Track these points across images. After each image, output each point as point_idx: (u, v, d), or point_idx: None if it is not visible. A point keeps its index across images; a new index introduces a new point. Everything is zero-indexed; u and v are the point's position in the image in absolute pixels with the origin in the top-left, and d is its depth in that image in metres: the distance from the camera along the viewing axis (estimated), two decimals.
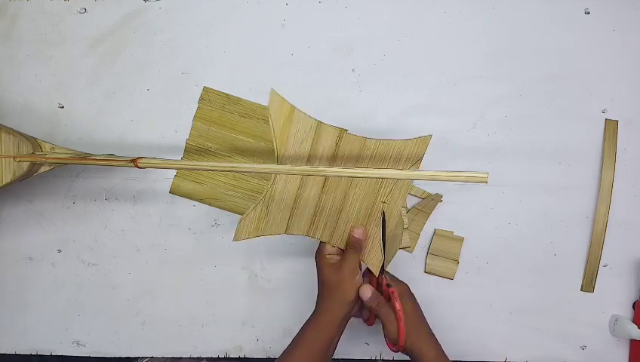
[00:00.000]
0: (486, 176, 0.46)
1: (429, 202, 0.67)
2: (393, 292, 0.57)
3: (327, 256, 0.58)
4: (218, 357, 0.71)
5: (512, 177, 0.68)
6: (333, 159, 0.53)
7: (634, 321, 0.67)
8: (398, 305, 0.56)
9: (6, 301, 0.70)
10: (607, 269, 0.68)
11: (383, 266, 0.58)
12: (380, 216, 0.56)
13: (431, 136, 0.52)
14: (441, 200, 0.68)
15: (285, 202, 0.55)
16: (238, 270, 0.70)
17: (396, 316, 0.56)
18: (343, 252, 0.58)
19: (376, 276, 0.58)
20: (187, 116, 0.68)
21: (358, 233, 0.56)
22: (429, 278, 0.69)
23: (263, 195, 0.55)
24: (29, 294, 0.70)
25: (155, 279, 0.70)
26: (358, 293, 0.57)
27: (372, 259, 0.58)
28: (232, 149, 0.68)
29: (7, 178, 0.58)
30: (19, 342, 0.71)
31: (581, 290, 0.69)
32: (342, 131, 0.53)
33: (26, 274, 0.70)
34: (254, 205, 0.55)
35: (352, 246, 0.56)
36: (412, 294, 0.60)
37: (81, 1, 0.67)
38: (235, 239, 0.55)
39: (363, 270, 0.60)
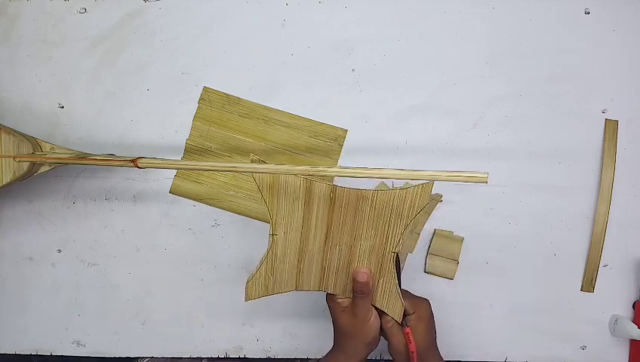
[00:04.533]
0: (486, 176, 0.46)
1: (429, 202, 0.67)
2: (408, 333, 0.55)
3: (339, 301, 0.56)
4: (218, 357, 0.71)
5: (512, 177, 0.68)
6: (331, 212, 0.52)
7: (634, 321, 0.67)
8: (412, 347, 0.54)
9: (6, 301, 0.70)
10: (607, 269, 0.68)
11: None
12: (392, 265, 0.54)
13: (432, 183, 0.51)
14: (441, 200, 0.68)
15: (289, 260, 0.54)
16: (238, 270, 0.70)
17: (409, 357, 0.55)
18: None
19: (400, 323, 0.56)
20: (187, 116, 0.68)
21: (361, 276, 0.53)
22: (429, 278, 0.69)
23: (264, 256, 0.54)
24: (29, 294, 0.70)
25: (155, 279, 0.70)
26: (376, 335, 0.55)
27: (392, 309, 0.56)
28: (232, 149, 0.68)
29: (7, 178, 0.58)
30: (19, 342, 0.71)
31: (581, 290, 0.69)
32: (333, 187, 0.51)
33: (26, 274, 0.70)
34: (258, 265, 0.54)
35: (359, 291, 0.54)
36: (430, 313, 0.57)
37: (81, 1, 0.67)
38: (246, 300, 0.54)
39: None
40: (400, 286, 0.55)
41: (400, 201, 0.51)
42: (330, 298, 0.57)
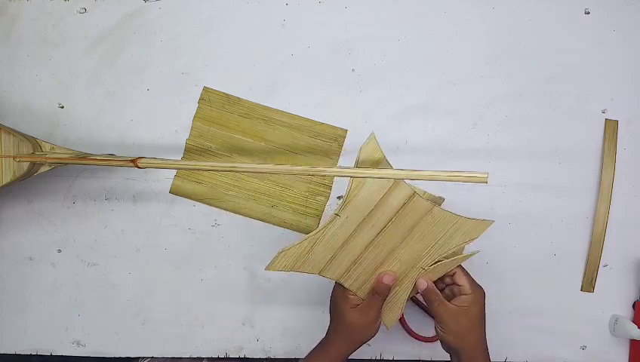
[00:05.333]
0: (486, 176, 0.46)
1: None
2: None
3: (351, 297, 0.56)
4: (218, 357, 0.71)
5: (512, 177, 0.68)
6: (395, 217, 0.53)
7: (634, 321, 0.67)
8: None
9: (6, 301, 0.70)
10: (607, 269, 0.68)
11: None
12: (414, 280, 0.55)
13: (492, 221, 0.52)
14: (442, 202, 0.68)
15: (332, 245, 0.54)
16: (239, 270, 0.70)
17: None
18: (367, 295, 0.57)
19: (388, 328, 0.58)
20: (187, 116, 0.68)
21: (387, 279, 0.54)
22: None
23: (314, 233, 0.53)
24: (29, 294, 0.70)
25: (155, 279, 0.70)
26: (372, 336, 0.56)
27: (390, 316, 0.57)
28: (232, 149, 0.68)
29: (7, 178, 0.58)
30: (19, 342, 0.71)
31: (581, 290, 0.69)
32: (413, 194, 0.51)
33: (26, 274, 0.70)
34: (300, 241, 0.53)
35: (379, 292, 0.55)
36: (483, 304, 0.58)
37: (81, 1, 0.67)
38: (268, 268, 0.54)
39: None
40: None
41: (454, 229, 0.53)
42: (341, 293, 0.57)
